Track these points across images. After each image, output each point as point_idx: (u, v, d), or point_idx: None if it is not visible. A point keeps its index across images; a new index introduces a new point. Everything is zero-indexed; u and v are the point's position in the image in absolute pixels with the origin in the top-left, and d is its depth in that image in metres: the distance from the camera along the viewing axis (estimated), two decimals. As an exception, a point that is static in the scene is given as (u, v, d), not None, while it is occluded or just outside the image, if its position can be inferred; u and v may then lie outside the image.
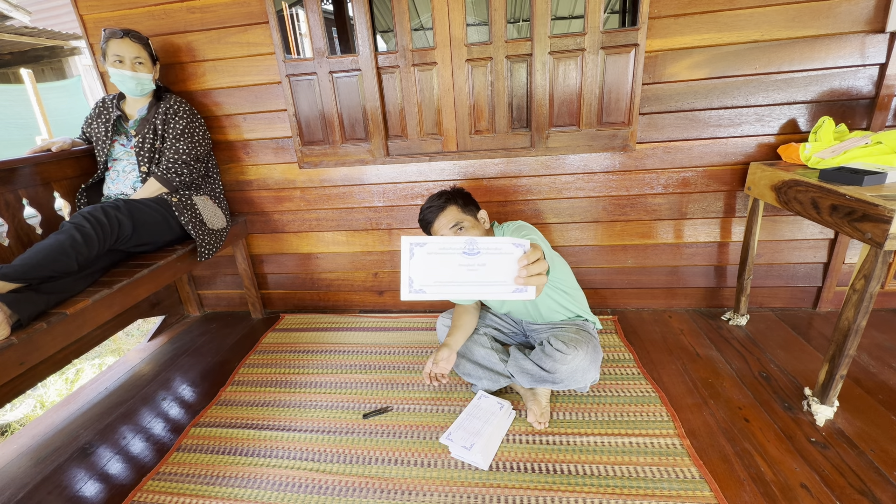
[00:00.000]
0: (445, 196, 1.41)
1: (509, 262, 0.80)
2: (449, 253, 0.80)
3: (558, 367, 1.33)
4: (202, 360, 1.91)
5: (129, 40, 1.63)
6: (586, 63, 1.67)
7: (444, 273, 0.80)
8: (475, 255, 0.80)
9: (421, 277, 0.79)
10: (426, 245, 0.80)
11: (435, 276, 0.79)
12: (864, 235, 1.13)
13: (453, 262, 0.79)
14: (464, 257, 0.79)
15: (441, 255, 0.79)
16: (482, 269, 0.80)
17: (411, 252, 0.79)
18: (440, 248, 0.80)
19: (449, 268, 0.80)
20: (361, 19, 1.73)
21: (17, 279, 1.15)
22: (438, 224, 1.39)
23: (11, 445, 1.49)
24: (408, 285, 0.78)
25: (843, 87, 1.60)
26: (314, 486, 1.21)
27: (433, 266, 0.80)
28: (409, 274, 0.78)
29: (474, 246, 0.80)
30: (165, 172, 1.67)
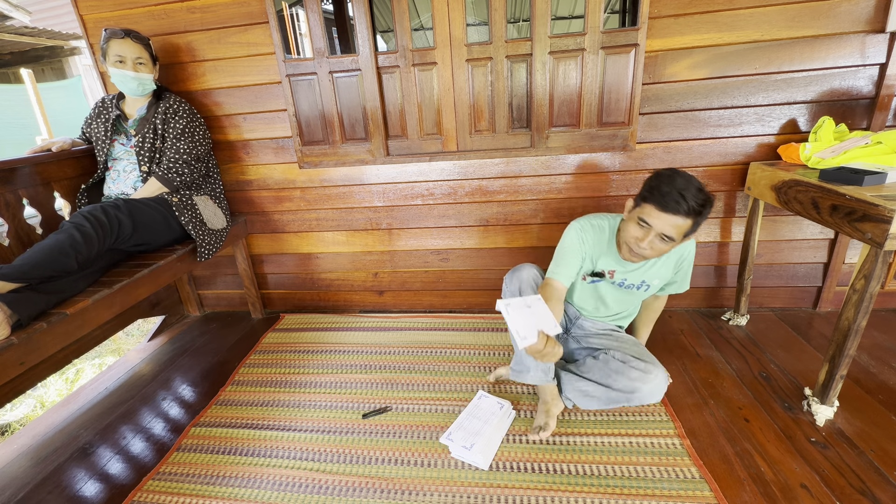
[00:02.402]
0: (701, 201, 1.11)
1: (543, 307, 1.11)
2: (521, 307, 1.09)
3: (640, 387, 1.29)
4: (202, 360, 1.91)
5: (131, 41, 1.63)
6: (586, 63, 1.67)
7: (531, 320, 1.05)
8: (530, 308, 1.09)
9: (522, 329, 1.02)
10: (512, 304, 1.09)
11: (528, 326, 1.03)
12: (865, 235, 1.13)
13: (527, 314, 1.07)
14: (527, 309, 1.09)
15: (520, 309, 1.08)
16: (536, 315, 1.07)
17: (507, 311, 1.07)
18: (518, 304, 1.09)
19: (528, 317, 1.06)
20: (361, 19, 1.73)
21: (17, 279, 1.15)
22: (661, 220, 1.13)
23: (11, 445, 1.49)
24: (518, 336, 1.02)
25: (844, 87, 1.60)
26: (314, 485, 1.21)
27: (525, 319, 1.05)
28: (515, 328, 1.03)
29: (527, 302, 1.11)
30: (166, 172, 1.67)
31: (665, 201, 1.11)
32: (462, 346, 1.83)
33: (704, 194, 1.11)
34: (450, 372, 1.66)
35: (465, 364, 1.71)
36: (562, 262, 1.34)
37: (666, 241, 1.16)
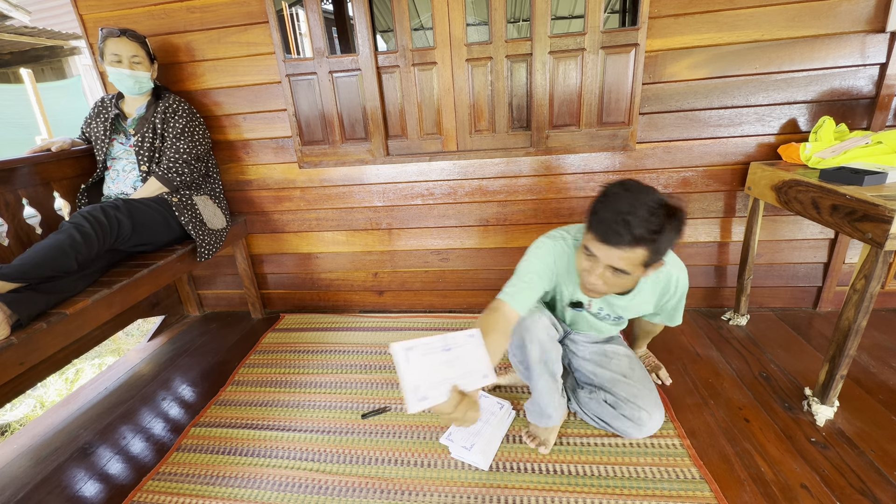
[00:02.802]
0: (655, 225, 0.89)
1: (471, 350, 0.81)
2: (434, 352, 0.77)
3: (633, 433, 1.25)
4: (202, 360, 1.91)
5: (127, 39, 1.63)
6: (586, 63, 1.66)
7: (436, 374, 0.75)
8: (449, 351, 0.79)
9: (422, 383, 0.73)
10: (416, 348, 0.76)
11: (431, 379, 0.74)
12: (865, 235, 1.13)
13: (436, 361, 0.76)
14: (444, 354, 0.78)
15: (429, 355, 0.76)
16: (458, 361, 0.79)
17: (407, 358, 0.74)
18: (427, 348, 0.78)
19: (437, 368, 0.76)
20: (361, 19, 1.73)
21: (16, 279, 1.15)
22: (605, 252, 0.94)
23: (11, 445, 1.48)
24: (413, 393, 0.72)
25: (844, 87, 1.60)
26: (314, 486, 1.21)
27: (427, 369, 0.75)
28: (413, 382, 0.72)
29: (447, 342, 0.80)
30: (166, 172, 1.67)
31: (604, 231, 0.91)
32: (462, 346, 1.83)
33: (660, 217, 0.88)
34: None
35: (465, 364, 1.70)
36: (522, 283, 1.08)
37: (619, 274, 0.95)
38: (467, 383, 0.78)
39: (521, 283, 1.08)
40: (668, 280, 1.16)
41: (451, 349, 0.80)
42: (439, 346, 0.78)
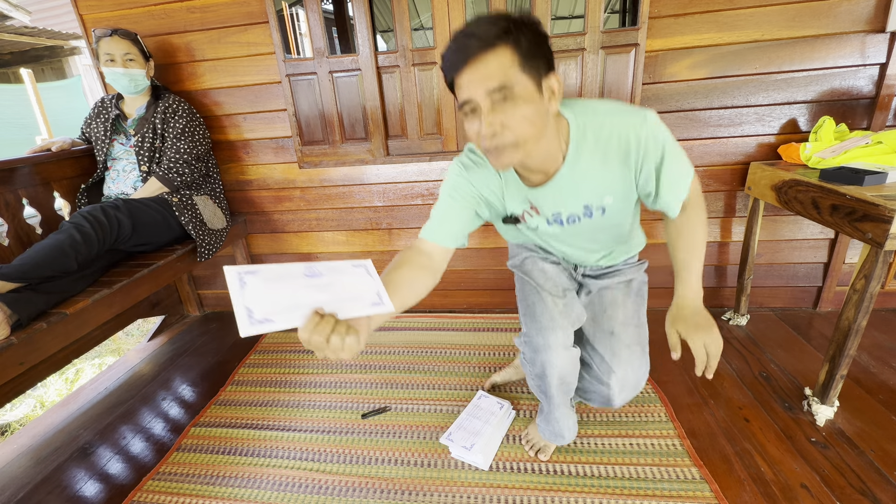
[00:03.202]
0: (503, 24, 0.72)
1: (356, 279, 0.70)
2: (288, 278, 0.65)
3: (593, 403, 1.17)
4: (202, 360, 1.91)
5: (118, 38, 1.63)
6: (586, 63, 1.66)
7: (289, 297, 0.63)
8: (317, 277, 0.66)
9: (262, 306, 0.61)
10: (258, 273, 0.63)
11: (280, 303, 0.62)
12: (865, 235, 1.13)
13: (296, 285, 0.64)
14: (306, 279, 0.65)
15: (279, 281, 0.64)
16: (331, 287, 0.66)
17: (241, 282, 0.61)
18: (277, 275, 0.64)
19: (293, 291, 0.64)
20: (361, 19, 1.73)
21: (16, 279, 1.15)
22: (467, 78, 0.75)
23: (11, 445, 1.49)
24: (246, 317, 0.59)
25: (844, 87, 1.60)
26: (313, 486, 1.21)
27: (274, 292, 0.63)
28: (245, 305, 0.60)
29: (313, 269, 0.67)
30: (167, 172, 1.67)
31: (455, 58, 0.74)
32: (462, 346, 1.83)
33: (508, 16, 0.73)
34: (450, 372, 1.66)
35: (465, 364, 1.70)
36: (436, 215, 0.95)
37: (502, 98, 0.73)
38: (346, 309, 0.66)
39: (436, 215, 0.95)
40: (620, 134, 0.83)
41: (320, 276, 0.67)
42: (300, 272, 0.66)
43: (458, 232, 0.95)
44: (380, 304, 0.69)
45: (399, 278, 0.84)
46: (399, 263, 0.87)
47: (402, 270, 0.85)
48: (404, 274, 0.85)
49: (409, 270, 0.86)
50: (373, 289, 0.70)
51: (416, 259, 0.90)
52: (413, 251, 0.91)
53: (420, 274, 0.88)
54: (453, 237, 0.94)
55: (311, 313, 0.63)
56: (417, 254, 0.91)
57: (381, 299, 0.69)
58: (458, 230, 0.95)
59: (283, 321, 0.61)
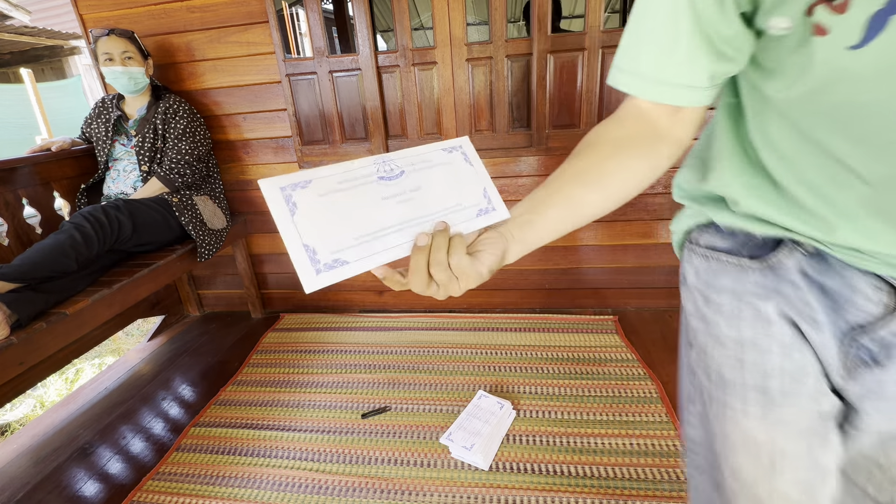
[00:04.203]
0: None
1: (454, 172, 0.49)
2: (358, 184, 0.44)
3: None
4: (202, 360, 1.91)
5: (115, 36, 1.63)
6: (587, 62, 1.66)
7: (365, 218, 0.43)
8: (398, 179, 0.46)
9: (328, 239, 0.41)
10: (312, 183, 0.43)
11: (354, 229, 0.42)
12: (866, 235, 1.12)
13: (370, 197, 0.44)
14: (382, 185, 0.45)
15: (344, 191, 0.43)
16: (420, 194, 0.46)
17: (290, 203, 0.42)
18: (338, 183, 0.44)
19: (368, 207, 0.43)
20: (361, 19, 1.73)
21: (16, 279, 1.15)
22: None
23: (11, 445, 1.48)
24: (309, 262, 0.40)
25: (844, 87, 1.59)
26: (313, 486, 1.21)
27: (338, 213, 0.42)
28: (302, 241, 0.40)
29: (388, 166, 0.47)
30: (168, 173, 1.67)
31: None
32: (462, 345, 1.83)
33: None
34: (450, 372, 1.66)
35: (465, 364, 1.70)
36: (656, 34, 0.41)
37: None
38: (455, 221, 0.46)
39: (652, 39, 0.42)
40: None
41: (400, 175, 0.47)
42: (371, 173, 0.45)
43: (704, 70, 0.40)
44: (488, 210, 0.48)
45: (587, 165, 0.48)
46: (589, 144, 0.50)
47: (604, 156, 0.48)
48: (613, 164, 0.47)
49: (620, 156, 0.47)
50: (477, 184, 0.49)
51: (628, 134, 0.48)
52: (621, 122, 0.49)
53: (638, 162, 0.47)
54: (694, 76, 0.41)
55: (420, 240, 0.43)
56: (636, 122, 0.48)
57: (489, 201, 0.48)
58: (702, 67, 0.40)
59: (363, 258, 0.41)
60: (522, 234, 0.46)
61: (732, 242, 0.46)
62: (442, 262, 0.42)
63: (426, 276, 0.43)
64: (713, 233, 0.48)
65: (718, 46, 0.39)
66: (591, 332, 1.84)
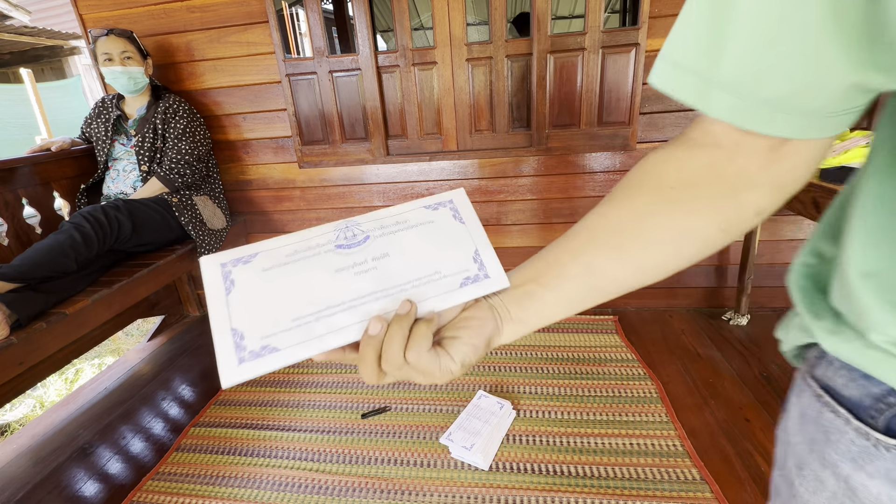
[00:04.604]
0: None
1: (436, 234, 0.40)
2: (310, 254, 0.38)
3: None
4: (201, 360, 1.91)
5: (114, 36, 1.63)
6: (587, 62, 1.66)
7: (310, 296, 0.36)
8: (359, 246, 0.39)
9: (260, 322, 0.34)
10: (256, 258, 0.37)
11: (292, 310, 0.35)
12: (866, 235, 1.12)
13: (324, 270, 0.37)
14: (340, 255, 0.38)
15: (292, 264, 0.37)
16: (385, 262, 0.38)
17: (226, 281, 0.36)
18: (287, 254, 0.38)
19: (316, 283, 0.37)
20: (361, 19, 1.73)
21: (16, 279, 1.15)
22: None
23: (11, 445, 1.48)
24: (233, 348, 0.33)
25: (844, 87, 1.59)
26: (313, 486, 1.21)
27: (279, 290, 0.36)
28: (231, 325, 0.34)
29: (351, 231, 0.40)
30: (168, 173, 1.67)
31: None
32: (462, 346, 1.82)
33: None
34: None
35: (466, 364, 1.70)
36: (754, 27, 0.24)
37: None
38: (421, 298, 0.36)
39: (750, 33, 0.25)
40: None
41: (364, 242, 0.39)
42: (327, 241, 0.39)
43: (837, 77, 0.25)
44: (478, 279, 0.38)
45: (624, 219, 0.34)
46: (633, 185, 0.35)
47: (638, 199, 0.34)
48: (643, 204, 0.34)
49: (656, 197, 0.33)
50: (466, 246, 0.40)
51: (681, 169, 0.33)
52: (678, 151, 0.33)
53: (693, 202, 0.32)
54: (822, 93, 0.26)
55: (374, 321, 0.34)
56: (685, 156, 0.33)
57: (480, 266, 0.38)
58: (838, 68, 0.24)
59: (300, 345, 0.33)
60: (522, 311, 0.35)
61: (863, 390, 0.27)
62: (395, 358, 0.32)
63: (376, 370, 0.33)
64: (836, 364, 0.29)
65: (872, 39, 0.21)
66: (590, 332, 1.84)
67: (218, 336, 0.34)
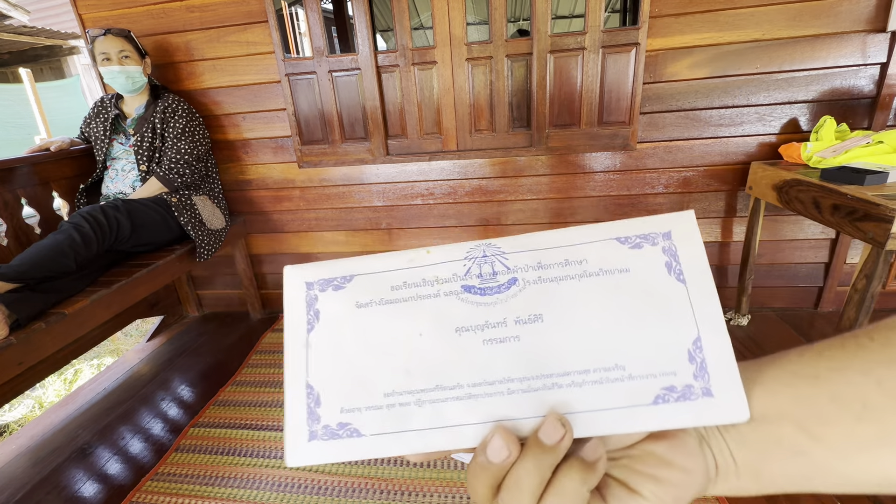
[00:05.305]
0: None
1: (631, 296, 0.24)
2: (425, 294, 0.25)
3: None
4: (201, 361, 1.90)
5: (112, 36, 1.63)
6: (587, 62, 1.66)
7: (416, 363, 0.24)
8: (500, 294, 0.25)
9: (343, 386, 0.25)
10: (351, 283, 0.26)
11: (387, 378, 0.24)
12: (866, 235, 1.12)
13: (442, 325, 0.25)
14: (469, 305, 0.25)
15: (398, 304, 0.25)
16: (534, 332, 0.24)
17: (310, 310, 0.26)
18: (392, 285, 0.26)
19: (428, 345, 0.25)
20: (361, 18, 1.72)
21: (15, 279, 1.15)
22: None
23: (10, 446, 1.48)
24: (304, 415, 0.24)
25: (845, 87, 1.59)
26: (313, 486, 1.21)
27: (375, 343, 0.25)
28: (307, 378, 0.25)
29: (497, 264, 0.26)
30: (167, 173, 1.67)
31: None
32: (462, 346, 1.82)
33: None
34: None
35: (465, 364, 1.70)
36: None
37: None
38: (588, 408, 0.23)
39: None
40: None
41: (514, 284, 0.26)
42: (457, 270, 0.26)
43: None
44: (689, 395, 0.23)
45: None
46: None
47: None
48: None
49: None
50: (680, 327, 0.24)
51: None
52: None
53: None
54: None
55: (499, 432, 0.22)
56: None
57: (699, 368, 0.24)
58: None
59: (388, 437, 0.24)
60: (762, 462, 0.22)
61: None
62: (524, 497, 0.21)
63: (490, 495, 0.22)
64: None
65: None
66: (591, 332, 1.83)
67: (290, 391, 0.24)
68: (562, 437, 0.21)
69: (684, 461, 0.22)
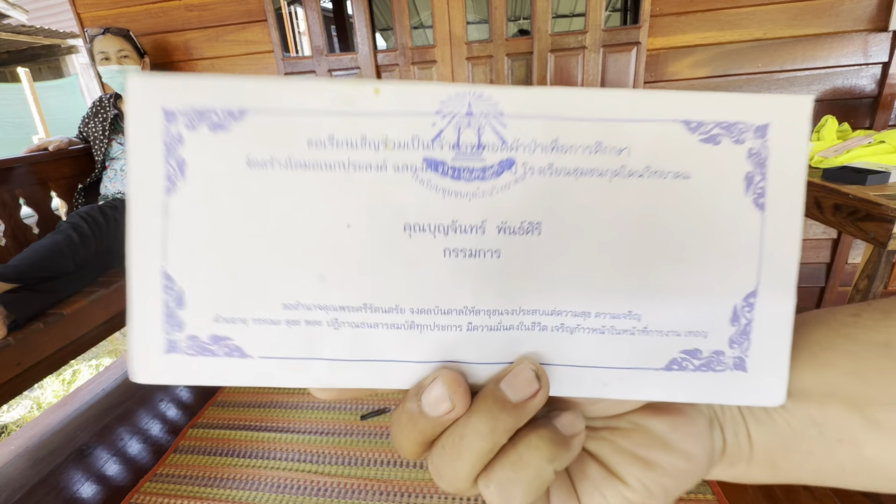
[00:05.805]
0: None
1: (670, 213, 0.16)
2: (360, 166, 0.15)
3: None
4: (200, 361, 1.90)
5: (110, 35, 1.62)
6: (587, 61, 1.66)
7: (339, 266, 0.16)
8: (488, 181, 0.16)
9: (226, 282, 0.16)
10: (243, 121, 0.15)
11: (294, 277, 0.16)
12: (868, 235, 1.12)
13: (384, 217, 0.16)
14: (430, 193, 0.16)
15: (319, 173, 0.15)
16: (530, 244, 0.16)
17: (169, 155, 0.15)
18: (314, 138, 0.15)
19: (361, 244, 0.16)
20: (360, 17, 1.72)
21: (13, 279, 1.14)
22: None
23: (8, 447, 1.47)
24: (160, 320, 0.16)
25: (846, 86, 1.59)
26: (312, 487, 1.20)
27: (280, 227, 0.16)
28: (162, 265, 0.16)
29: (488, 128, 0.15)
30: (164, 172, 1.66)
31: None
32: (462, 346, 1.82)
33: None
34: (450, 372, 1.66)
35: (466, 364, 1.70)
36: None
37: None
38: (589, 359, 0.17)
39: None
40: None
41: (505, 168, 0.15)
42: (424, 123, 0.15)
43: None
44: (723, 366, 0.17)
45: None
46: None
47: None
48: None
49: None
50: (736, 271, 0.16)
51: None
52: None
53: None
54: None
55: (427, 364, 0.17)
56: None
57: (744, 338, 0.17)
58: None
59: (287, 366, 0.17)
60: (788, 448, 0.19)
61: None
62: (456, 476, 0.16)
63: (416, 453, 0.17)
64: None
65: None
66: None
67: (137, 279, 0.16)
68: (533, 393, 0.15)
69: (688, 445, 0.17)
